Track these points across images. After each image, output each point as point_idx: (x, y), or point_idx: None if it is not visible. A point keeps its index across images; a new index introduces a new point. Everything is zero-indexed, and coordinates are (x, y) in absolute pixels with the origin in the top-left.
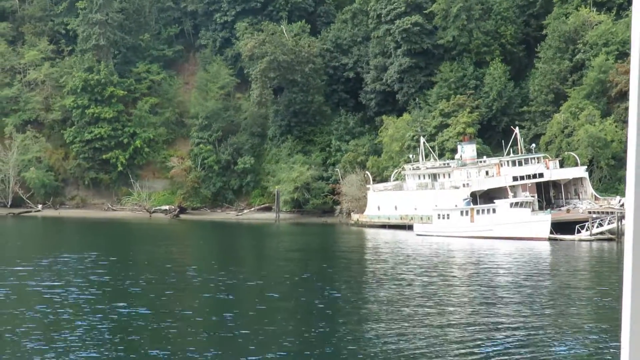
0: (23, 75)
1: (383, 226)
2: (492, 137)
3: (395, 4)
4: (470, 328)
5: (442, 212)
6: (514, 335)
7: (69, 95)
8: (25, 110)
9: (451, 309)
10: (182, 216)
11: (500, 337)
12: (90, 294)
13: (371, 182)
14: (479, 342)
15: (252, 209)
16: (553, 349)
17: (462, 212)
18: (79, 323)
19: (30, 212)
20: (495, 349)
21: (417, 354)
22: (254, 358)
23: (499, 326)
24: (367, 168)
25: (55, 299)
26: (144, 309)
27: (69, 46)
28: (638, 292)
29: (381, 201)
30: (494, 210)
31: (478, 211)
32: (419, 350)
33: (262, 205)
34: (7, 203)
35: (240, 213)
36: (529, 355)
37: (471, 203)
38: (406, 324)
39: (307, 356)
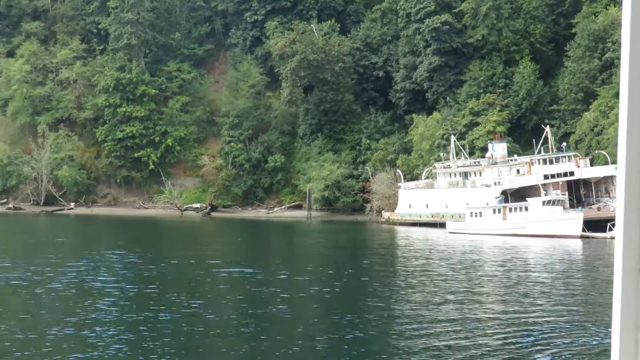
0: (55, 74)
1: (414, 224)
2: (522, 136)
3: (425, 3)
4: (508, 322)
5: (475, 210)
6: (553, 328)
7: (100, 94)
8: (58, 109)
9: (494, 305)
10: (213, 214)
11: (539, 330)
12: (151, 290)
13: (402, 180)
14: (518, 336)
15: (283, 207)
16: (589, 341)
17: (494, 210)
18: (148, 317)
19: (63, 210)
20: (535, 341)
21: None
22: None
23: (539, 319)
24: (397, 166)
25: (114, 292)
26: (200, 301)
27: (101, 45)
28: (627, 292)
29: (412, 199)
30: (526, 208)
31: (510, 209)
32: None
33: (293, 204)
34: (40, 201)
35: (270, 211)
36: (566, 348)
37: (503, 201)
38: (454, 320)
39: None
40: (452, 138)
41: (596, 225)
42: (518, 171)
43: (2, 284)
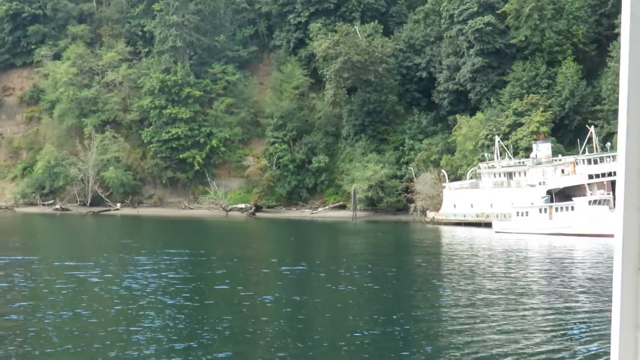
0: (101, 77)
1: (458, 224)
2: (565, 136)
3: (468, 4)
4: (557, 320)
5: (521, 210)
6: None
7: (146, 96)
8: (104, 111)
9: (552, 302)
10: (258, 214)
11: (587, 325)
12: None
13: (447, 180)
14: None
15: (326, 207)
16: None
17: (540, 210)
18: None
19: (109, 210)
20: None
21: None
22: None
23: (593, 319)
24: (441, 166)
25: (190, 288)
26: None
27: (146, 47)
28: (627, 291)
29: (457, 199)
30: (572, 208)
31: (556, 209)
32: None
33: (336, 204)
34: (87, 202)
35: (314, 211)
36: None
37: (549, 201)
38: (507, 318)
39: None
40: (497, 138)
41: None
42: (563, 171)
43: (87, 283)
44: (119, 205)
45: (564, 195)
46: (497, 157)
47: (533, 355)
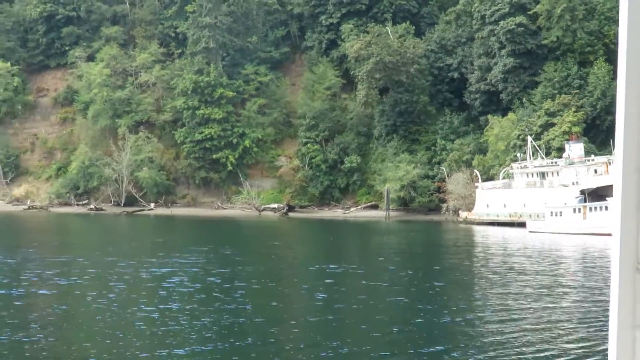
0: (135, 78)
1: (491, 223)
2: (596, 136)
3: (500, 5)
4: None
5: (555, 210)
6: None
7: (179, 97)
8: (138, 112)
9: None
10: (290, 214)
11: None
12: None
13: (480, 180)
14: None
15: (359, 207)
16: None
17: (574, 210)
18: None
19: (143, 210)
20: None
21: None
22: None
23: None
24: (473, 167)
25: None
26: (323, 294)
27: (179, 49)
28: (624, 291)
29: (490, 199)
30: (606, 208)
31: (590, 208)
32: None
33: (368, 204)
34: (121, 202)
35: (347, 211)
36: None
37: (583, 201)
38: (544, 317)
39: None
40: (529, 138)
41: None
42: (595, 171)
43: (140, 280)
44: (152, 205)
45: (596, 195)
46: (530, 157)
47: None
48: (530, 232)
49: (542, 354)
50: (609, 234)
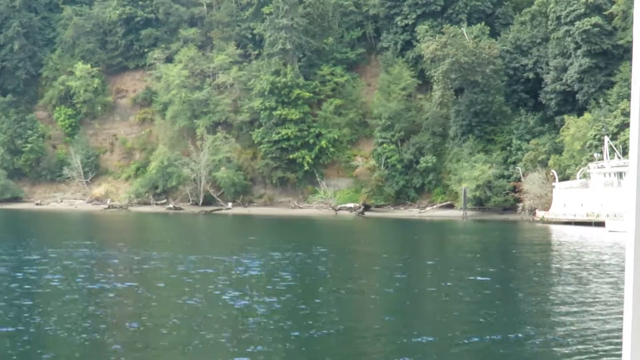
0: (212, 79)
1: (568, 223)
2: None
3: (575, 5)
4: None
5: None
6: None
7: (256, 98)
8: (215, 112)
9: None
10: (367, 214)
11: None
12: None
13: (557, 180)
14: None
15: (434, 206)
16: None
17: None
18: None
19: (221, 209)
20: None
21: None
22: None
23: None
24: (549, 166)
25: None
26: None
27: (256, 50)
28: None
29: (567, 199)
30: None
31: None
32: None
33: (444, 203)
34: (199, 201)
35: (422, 210)
36: None
37: None
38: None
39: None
40: (606, 139)
41: None
42: None
43: (243, 275)
44: (230, 204)
45: None
46: (607, 157)
47: None
48: (609, 231)
49: None
50: None
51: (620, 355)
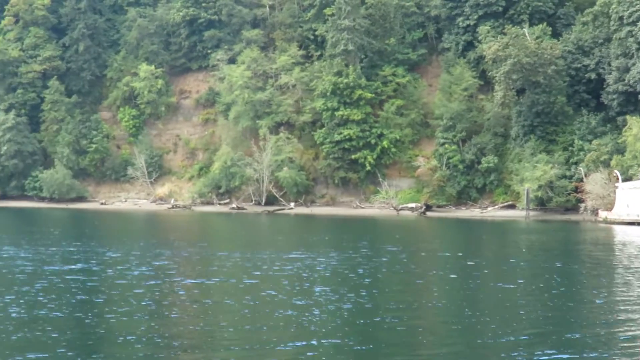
0: (275, 80)
1: (632, 223)
2: None
3: (638, 6)
4: None
5: None
6: None
7: (318, 98)
8: (278, 113)
9: None
10: (428, 214)
11: None
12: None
13: (620, 180)
14: None
15: (496, 206)
16: None
17: None
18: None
19: (284, 209)
20: None
21: None
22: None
23: None
24: (612, 167)
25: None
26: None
27: (318, 51)
28: None
29: (630, 199)
30: None
31: None
32: None
33: (506, 203)
34: (262, 201)
35: (484, 210)
36: None
37: None
38: None
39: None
40: None
41: None
42: None
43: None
44: (292, 204)
45: None
46: None
47: None
48: None
49: None
50: None
51: None
